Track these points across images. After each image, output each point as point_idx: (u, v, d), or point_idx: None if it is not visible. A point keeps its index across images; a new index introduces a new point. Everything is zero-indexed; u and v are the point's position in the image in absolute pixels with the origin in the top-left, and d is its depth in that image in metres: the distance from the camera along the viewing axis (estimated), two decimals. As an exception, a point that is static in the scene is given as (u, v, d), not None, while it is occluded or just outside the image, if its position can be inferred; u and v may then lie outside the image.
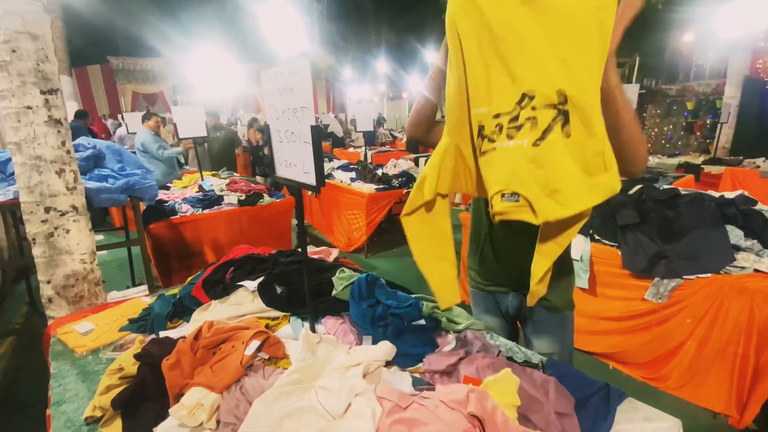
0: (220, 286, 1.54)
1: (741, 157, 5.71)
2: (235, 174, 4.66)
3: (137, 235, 2.47)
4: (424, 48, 14.62)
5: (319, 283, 1.52)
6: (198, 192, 3.67)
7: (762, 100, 7.05)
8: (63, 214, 1.59)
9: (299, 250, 2.03)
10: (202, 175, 4.02)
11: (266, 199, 3.62)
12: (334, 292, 1.46)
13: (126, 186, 2.04)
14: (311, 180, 1.03)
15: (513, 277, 1.36)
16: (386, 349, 1.13)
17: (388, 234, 4.90)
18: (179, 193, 3.72)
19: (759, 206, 2.05)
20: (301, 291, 1.47)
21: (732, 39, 5.91)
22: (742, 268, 1.89)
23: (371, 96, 19.16)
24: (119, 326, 1.47)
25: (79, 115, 5.73)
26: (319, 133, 0.97)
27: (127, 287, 3.21)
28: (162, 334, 1.40)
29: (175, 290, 1.76)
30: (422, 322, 1.36)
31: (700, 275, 1.93)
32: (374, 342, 1.24)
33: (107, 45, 14.28)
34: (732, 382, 1.91)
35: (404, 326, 1.33)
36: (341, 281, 1.49)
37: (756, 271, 1.87)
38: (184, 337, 1.27)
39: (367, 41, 16.38)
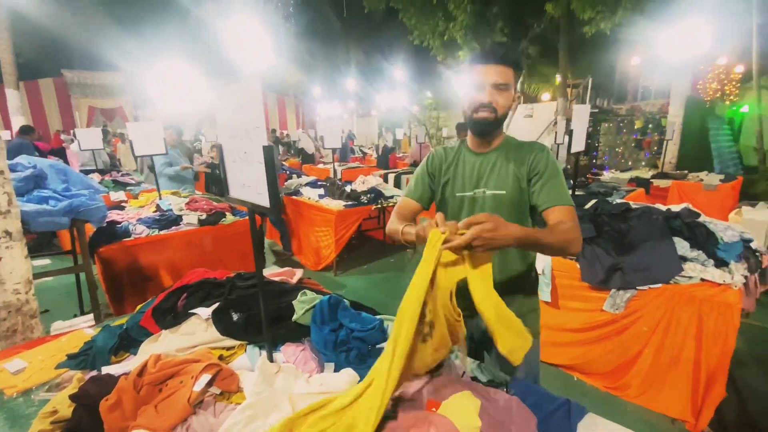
0: (170, 315, 1.45)
1: (686, 171, 6.14)
2: (196, 192, 4.50)
3: (83, 260, 2.30)
4: (391, 66, 14.93)
5: (278, 308, 1.46)
6: (155, 212, 3.50)
7: (702, 118, 7.68)
8: None
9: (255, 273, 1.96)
10: (160, 194, 3.84)
11: (229, 218, 3.49)
12: (294, 317, 1.41)
13: (69, 208, 1.88)
14: (265, 201, 0.99)
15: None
16: (348, 377, 1.08)
17: (357, 251, 4.86)
18: (134, 213, 3.53)
19: (702, 218, 2.19)
20: (259, 317, 1.41)
21: (675, 62, 6.42)
22: (690, 277, 2.00)
23: (341, 113, 19.25)
24: (56, 363, 1.34)
25: (24, 130, 5.37)
26: (271, 154, 0.94)
27: (75, 316, 2.98)
28: (105, 369, 1.29)
29: (122, 320, 1.64)
30: (386, 344, 1.33)
31: (652, 286, 2.02)
32: (337, 369, 1.19)
33: (61, 57, 13.63)
34: (687, 388, 1.99)
35: (368, 350, 1.29)
36: (302, 305, 1.44)
37: (702, 280, 1.98)
38: (127, 374, 1.17)
39: (335, 59, 16.54)
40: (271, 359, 1.24)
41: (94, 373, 1.29)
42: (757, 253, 2.27)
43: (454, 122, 17.11)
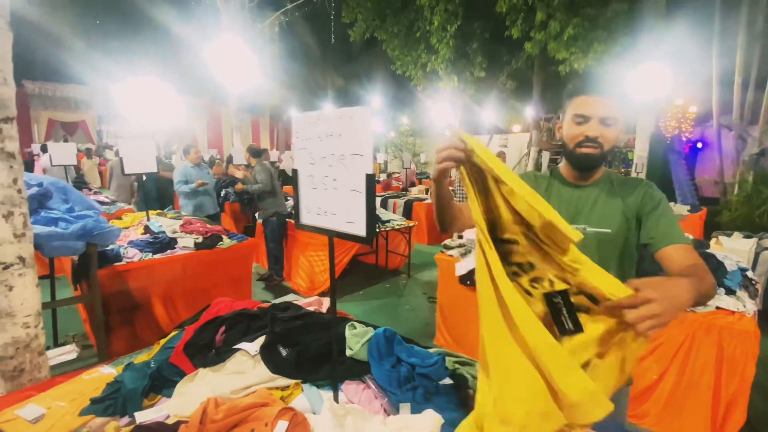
0: (211, 351, 1.32)
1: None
2: (183, 213, 4.27)
3: (89, 289, 2.06)
4: (369, 92, 15.25)
5: (329, 342, 1.37)
6: (145, 234, 3.27)
7: (664, 153, 8.33)
8: (7, 267, 1.27)
9: (288, 300, 1.86)
10: (148, 215, 3.61)
11: (226, 241, 3.32)
12: (349, 352, 1.32)
13: (82, 231, 1.70)
14: (359, 230, 0.94)
15: None
16: (432, 419, 1.01)
17: (350, 276, 4.76)
18: (122, 235, 3.28)
19: (710, 249, 2.31)
20: (310, 352, 1.31)
21: (640, 101, 6.98)
22: (706, 306, 2.08)
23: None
24: (78, 408, 1.17)
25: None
26: (373, 183, 0.89)
27: (48, 348, 2.68)
28: (139, 415, 1.14)
29: (143, 356, 1.48)
30: (449, 381, 1.27)
31: (671, 314, 2.08)
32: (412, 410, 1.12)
33: (23, 68, 12.85)
34: (706, 415, 2.04)
35: (434, 388, 1.23)
36: (356, 338, 1.36)
37: (717, 308, 2.07)
38: (179, 420, 1.04)
39: (314, 83, 16.70)
40: (336, 400, 1.15)
41: (126, 419, 1.14)
42: (753, 281, 2.42)
43: (430, 149, 17.58)
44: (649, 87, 6.31)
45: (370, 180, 0.89)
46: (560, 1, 6.81)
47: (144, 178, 3.78)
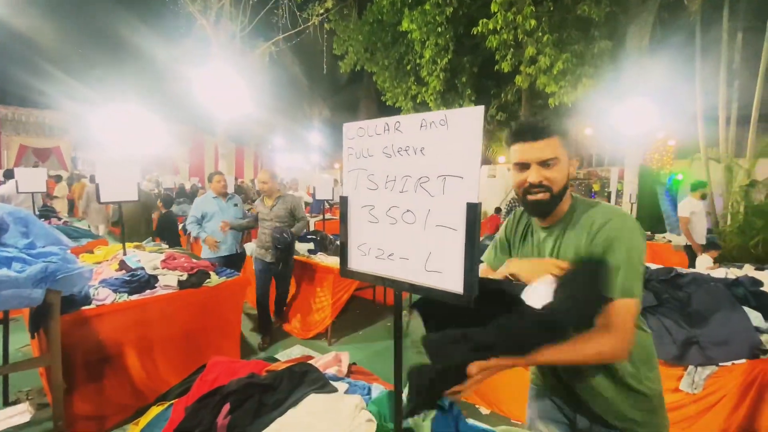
0: (213, 442, 0.98)
1: (649, 232, 6.52)
2: (163, 245, 3.86)
3: (49, 347, 1.63)
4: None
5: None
6: (120, 270, 2.87)
7: (652, 185, 8.46)
8: None
9: (296, 355, 1.52)
10: (125, 248, 3.21)
11: (214, 278, 2.94)
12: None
13: (42, 275, 1.32)
14: (451, 283, 0.66)
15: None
16: None
17: (347, 314, 4.37)
18: (93, 272, 2.86)
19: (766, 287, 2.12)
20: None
21: (628, 134, 7.11)
22: (766, 351, 1.86)
23: (302, 165, 19.12)
24: None
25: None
26: (477, 216, 0.63)
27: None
28: None
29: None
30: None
31: (735, 362, 1.84)
32: None
33: (-5, 92, 12.37)
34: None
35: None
36: (418, 427, 1.04)
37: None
38: None
39: (300, 113, 16.69)
40: None
41: None
42: None
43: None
44: (634, 121, 6.44)
45: (474, 212, 0.63)
46: (549, 38, 7.00)
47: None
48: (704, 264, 4.41)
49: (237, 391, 1.11)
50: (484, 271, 1.21)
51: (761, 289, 2.09)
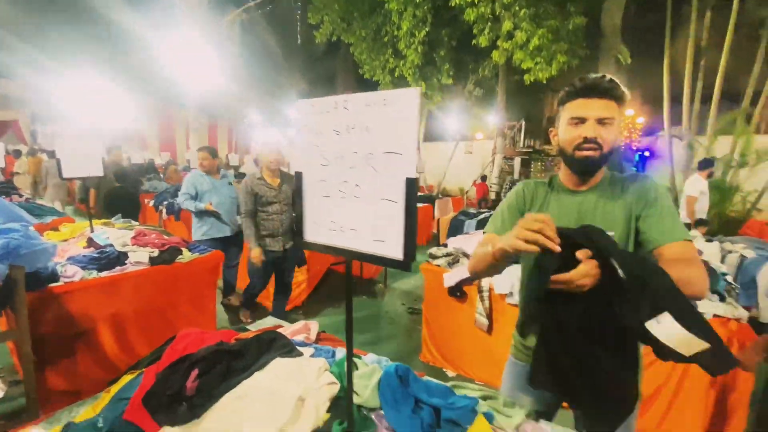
0: (181, 404, 1.04)
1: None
2: (134, 222, 3.79)
3: (17, 322, 1.64)
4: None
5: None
6: (88, 248, 2.82)
7: (620, 159, 8.80)
8: None
9: (267, 324, 1.59)
10: (92, 225, 3.14)
11: (186, 254, 2.95)
12: (357, 399, 1.09)
13: (5, 250, 1.32)
14: (393, 251, 0.72)
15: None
16: None
17: (323, 287, 4.46)
18: (59, 249, 2.80)
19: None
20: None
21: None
22: (703, 313, 2.05)
23: (280, 140, 18.63)
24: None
25: None
26: (415, 190, 0.69)
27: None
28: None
29: (87, 411, 1.16)
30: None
31: (672, 324, 2.03)
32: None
33: (-62, 59, 11.40)
34: (705, 422, 1.99)
35: (464, 434, 1.03)
36: (363, 380, 1.13)
37: (715, 316, 2.04)
38: None
39: (277, 86, 16.15)
40: (351, 463, 0.91)
41: None
42: (734, 285, 2.45)
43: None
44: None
45: (412, 186, 0.68)
46: (526, 13, 6.98)
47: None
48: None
49: (206, 357, 1.17)
50: (490, 240, 1.13)
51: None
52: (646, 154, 10.71)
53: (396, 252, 0.72)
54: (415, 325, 3.58)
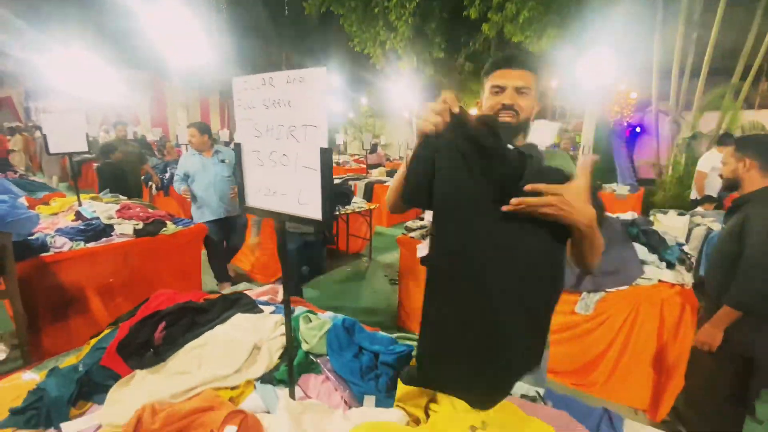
0: (148, 350, 1.18)
1: (600, 182, 6.93)
2: (121, 197, 3.88)
3: (7, 284, 1.78)
4: (328, 71, 14.68)
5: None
6: (76, 221, 2.94)
7: (608, 137, 8.82)
8: None
9: (239, 290, 1.72)
10: (79, 199, 3.25)
11: (170, 227, 3.06)
12: (305, 347, 1.24)
13: None
14: (314, 212, 0.84)
15: None
16: (398, 417, 0.96)
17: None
18: (49, 222, 2.92)
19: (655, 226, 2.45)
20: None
21: (588, 87, 7.27)
22: (649, 279, 2.20)
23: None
24: (-12, 424, 1.00)
25: None
26: (330, 158, 0.80)
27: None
28: (66, 426, 1.00)
29: (71, 359, 1.31)
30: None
31: (620, 288, 2.19)
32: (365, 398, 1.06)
33: None
34: (648, 381, 2.19)
35: (398, 376, 1.18)
36: (312, 331, 1.28)
37: (660, 281, 2.20)
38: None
39: (268, 59, 15.83)
40: (292, 396, 1.06)
41: (52, 431, 0.99)
42: (689, 255, 2.60)
43: (391, 130, 17.41)
44: (596, 73, 6.58)
45: (326, 155, 0.79)
46: (516, -16, 6.85)
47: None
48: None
49: (173, 312, 1.30)
50: None
51: (651, 227, 2.42)
52: (638, 129, 10.71)
53: (316, 213, 0.84)
54: (395, 294, 3.74)
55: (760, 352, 1.61)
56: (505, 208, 0.77)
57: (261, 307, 1.45)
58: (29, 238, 2.40)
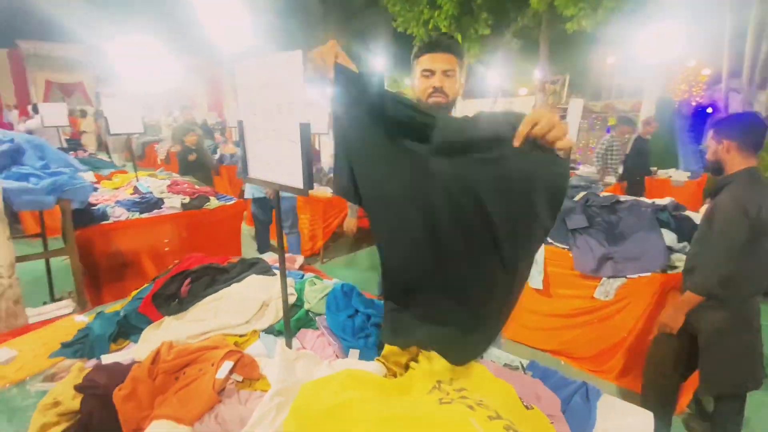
0: (174, 301, 1.38)
1: (655, 168, 6.43)
2: (174, 174, 4.28)
3: (65, 243, 2.13)
4: (371, 54, 14.67)
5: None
6: (133, 194, 3.31)
7: (671, 118, 8.07)
8: None
9: (260, 257, 1.90)
10: (137, 175, 3.64)
11: (213, 202, 3.36)
12: (307, 306, 1.37)
13: (53, 187, 1.73)
14: (297, 182, 0.95)
15: None
16: (376, 369, 1.06)
17: (343, 238, 4.81)
18: (110, 195, 3.32)
19: (687, 212, 2.30)
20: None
21: (648, 63, 6.68)
22: (675, 267, 2.10)
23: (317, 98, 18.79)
24: (49, 351, 1.25)
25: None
26: (308, 132, 0.89)
27: (44, 303, 2.79)
28: (104, 358, 1.21)
29: (116, 306, 1.55)
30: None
31: (642, 274, 2.11)
32: (361, 356, 1.17)
33: (16, 26, 12.49)
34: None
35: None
36: (314, 293, 1.41)
37: (687, 269, 2.08)
38: (137, 362, 1.11)
39: (314, 42, 16.11)
40: (289, 346, 1.20)
41: (93, 361, 1.21)
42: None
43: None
44: (658, 48, 6.02)
45: (304, 130, 0.89)
46: (569, -49, 6.39)
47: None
48: None
49: (198, 270, 1.50)
50: None
51: (683, 213, 2.28)
52: (709, 110, 9.68)
53: (299, 182, 0.94)
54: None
55: (705, 329, 1.65)
56: (516, 143, 0.74)
57: (274, 270, 1.61)
58: (93, 207, 2.77)
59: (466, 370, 1.01)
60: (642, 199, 2.65)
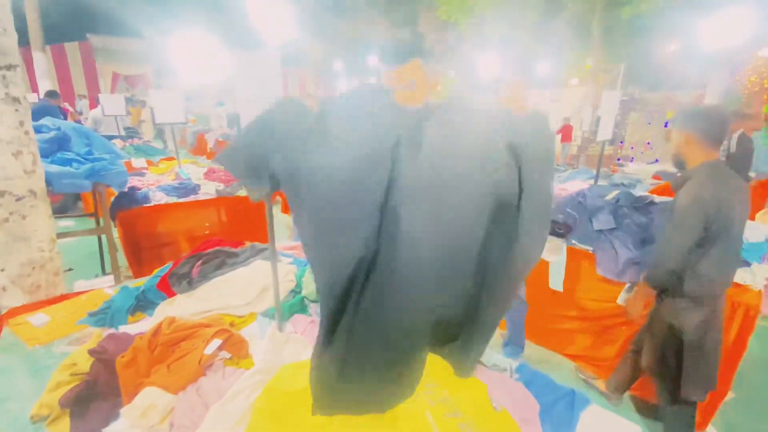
0: (185, 280, 1.49)
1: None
2: (208, 161, 4.54)
3: (101, 224, 2.36)
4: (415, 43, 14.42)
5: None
6: (174, 180, 3.56)
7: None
8: (19, 199, 1.50)
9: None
10: (180, 162, 3.90)
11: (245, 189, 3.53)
12: (303, 292, 1.43)
13: (91, 171, 1.93)
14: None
15: None
16: None
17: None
18: (154, 180, 3.59)
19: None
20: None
21: (713, 52, 6.05)
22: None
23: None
24: (77, 319, 1.40)
25: (50, 95, 5.47)
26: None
27: (96, 276, 3.10)
28: (122, 328, 1.34)
29: (139, 282, 1.69)
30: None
31: (669, 282, 1.96)
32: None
33: (87, 21, 13.64)
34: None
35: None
36: (312, 280, 1.46)
37: None
38: (143, 334, 1.21)
39: (359, 32, 16.17)
40: (281, 330, 1.26)
41: (111, 330, 1.35)
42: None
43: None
44: (724, 34, 5.42)
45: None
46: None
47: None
48: None
49: (209, 253, 1.61)
50: None
51: (723, 217, 2.07)
52: (789, 103, 8.61)
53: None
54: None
55: (687, 329, 1.60)
56: None
57: (281, 257, 1.68)
58: (137, 191, 3.02)
59: (443, 368, 1.01)
60: (666, 198, 2.44)
